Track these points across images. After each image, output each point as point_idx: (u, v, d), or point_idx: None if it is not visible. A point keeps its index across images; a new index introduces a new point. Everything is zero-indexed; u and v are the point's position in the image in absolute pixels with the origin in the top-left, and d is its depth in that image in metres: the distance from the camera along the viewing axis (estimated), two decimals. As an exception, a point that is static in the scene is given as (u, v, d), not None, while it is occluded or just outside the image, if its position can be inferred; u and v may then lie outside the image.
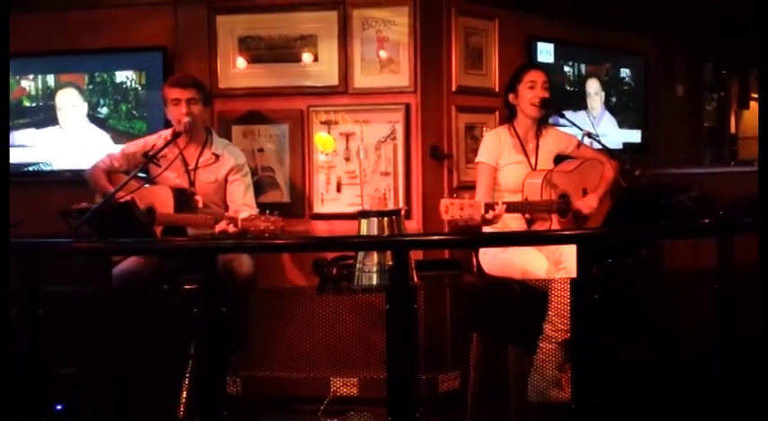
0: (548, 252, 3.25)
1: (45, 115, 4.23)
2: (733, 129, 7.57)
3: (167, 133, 3.58)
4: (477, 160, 3.57)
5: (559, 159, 3.66)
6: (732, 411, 2.53)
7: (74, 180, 3.94)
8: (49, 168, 4.23)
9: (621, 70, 5.11)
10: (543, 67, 4.29)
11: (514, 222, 3.43)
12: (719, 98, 7.04)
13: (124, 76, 4.15)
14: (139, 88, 4.14)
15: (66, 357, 2.57)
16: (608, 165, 3.65)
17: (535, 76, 3.55)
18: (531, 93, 3.53)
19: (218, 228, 3.26)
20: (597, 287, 2.45)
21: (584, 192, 3.57)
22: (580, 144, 3.63)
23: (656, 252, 3.21)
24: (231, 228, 3.20)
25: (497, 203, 3.18)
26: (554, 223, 3.40)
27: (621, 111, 5.09)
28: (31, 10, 4.16)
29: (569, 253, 2.97)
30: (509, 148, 3.54)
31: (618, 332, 2.54)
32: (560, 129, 3.79)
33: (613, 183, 3.60)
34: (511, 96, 3.60)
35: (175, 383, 2.94)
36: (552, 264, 3.21)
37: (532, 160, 3.55)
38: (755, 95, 7.43)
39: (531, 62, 4.16)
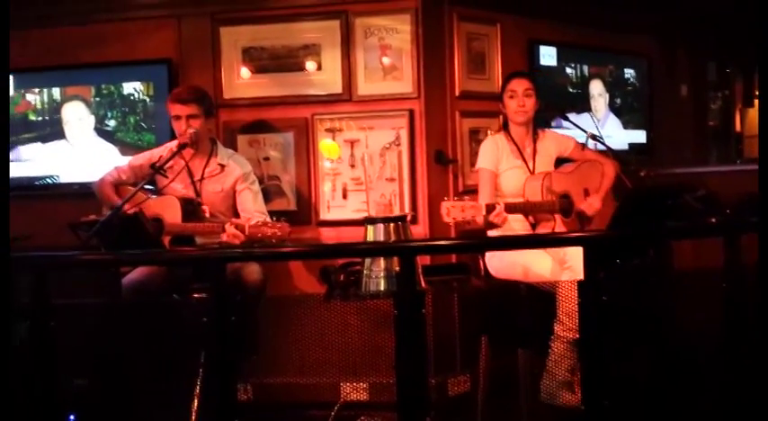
0: (553, 252, 3.26)
1: (51, 129, 4.24)
2: (738, 128, 7.56)
3: (173, 145, 3.60)
4: (477, 167, 3.60)
5: (560, 162, 3.67)
6: (741, 412, 2.53)
7: (82, 193, 3.96)
8: (56, 182, 4.25)
9: (625, 71, 5.11)
10: (542, 70, 4.33)
11: (519, 225, 3.44)
12: (724, 97, 7.02)
13: (132, 88, 4.17)
14: (147, 100, 4.16)
15: (78, 368, 2.59)
16: (608, 163, 3.65)
17: (515, 85, 3.57)
18: (512, 102, 3.56)
19: (226, 236, 3.27)
20: (605, 289, 2.45)
21: (586, 193, 3.57)
22: (583, 146, 3.64)
23: (665, 252, 3.20)
24: (238, 238, 3.22)
25: (498, 203, 3.20)
26: (558, 223, 3.40)
27: (626, 112, 5.08)
28: (35, 26, 4.19)
29: (574, 252, 2.98)
30: (507, 154, 3.56)
31: (627, 334, 2.54)
32: (558, 131, 3.79)
33: (615, 181, 3.60)
34: (500, 105, 3.63)
35: (186, 392, 2.96)
36: (557, 264, 3.22)
37: (530, 164, 3.57)
38: (761, 93, 7.41)
39: (516, 71, 4.10)
